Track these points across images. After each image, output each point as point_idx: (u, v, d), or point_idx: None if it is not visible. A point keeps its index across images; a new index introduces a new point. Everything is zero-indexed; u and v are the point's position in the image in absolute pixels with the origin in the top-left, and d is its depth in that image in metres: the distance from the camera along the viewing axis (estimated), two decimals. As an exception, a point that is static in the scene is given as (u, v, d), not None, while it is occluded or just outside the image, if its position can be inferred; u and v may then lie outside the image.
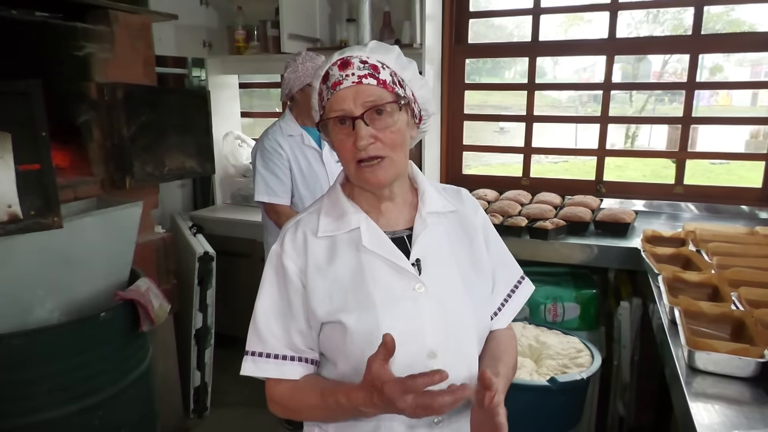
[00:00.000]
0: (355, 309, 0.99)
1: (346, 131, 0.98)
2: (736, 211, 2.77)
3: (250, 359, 1.06)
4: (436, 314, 1.01)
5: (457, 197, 1.14)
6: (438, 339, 1.00)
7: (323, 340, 1.04)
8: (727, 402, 1.18)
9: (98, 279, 2.01)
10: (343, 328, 0.99)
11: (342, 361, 1.02)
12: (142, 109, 2.25)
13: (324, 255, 1.03)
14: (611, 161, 3.02)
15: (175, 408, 2.67)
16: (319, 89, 1.02)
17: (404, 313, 0.99)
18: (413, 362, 0.97)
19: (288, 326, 1.04)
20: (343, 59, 0.98)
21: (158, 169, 2.33)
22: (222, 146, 3.37)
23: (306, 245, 1.04)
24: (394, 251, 1.02)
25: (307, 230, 1.06)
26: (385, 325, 0.97)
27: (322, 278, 1.02)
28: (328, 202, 1.09)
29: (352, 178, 1.03)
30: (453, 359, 1.01)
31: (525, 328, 2.04)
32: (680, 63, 9.97)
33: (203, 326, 2.74)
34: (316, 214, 1.08)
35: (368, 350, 0.92)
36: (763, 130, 8.67)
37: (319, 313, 1.01)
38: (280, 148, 2.35)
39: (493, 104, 6.69)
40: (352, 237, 1.03)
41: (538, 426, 1.74)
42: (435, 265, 1.04)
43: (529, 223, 2.49)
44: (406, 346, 0.96)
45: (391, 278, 1.01)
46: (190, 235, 2.86)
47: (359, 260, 1.02)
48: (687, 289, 1.69)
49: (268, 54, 3.15)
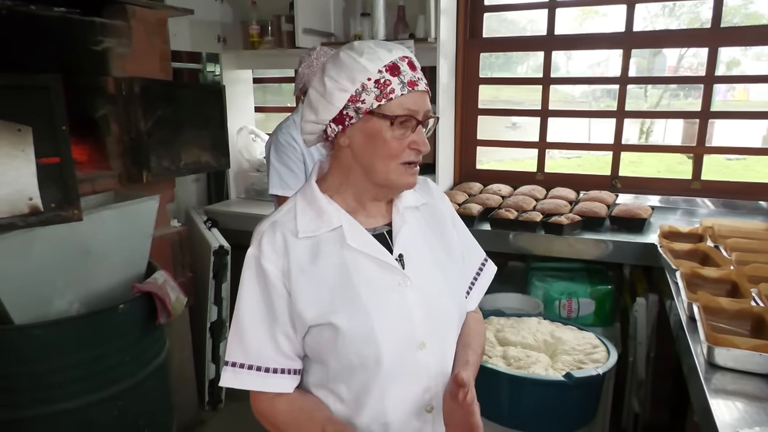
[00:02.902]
0: (345, 309, 0.99)
1: (401, 131, 0.98)
2: (754, 207, 2.73)
3: (230, 370, 1.02)
4: (422, 306, 1.03)
5: (425, 189, 1.17)
6: (426, 330, 1.03)
7: (310, 342, 1.01)
8: (748, 398, 1.17)
9: (116, 271, 2.03)
10: (335, 329, 0.98)
11: (333, 360, 1.00)
12: (159, 103, 2.27)
13: (306, 256, 1.00)
14: (625, 157, 2.99)
15: (190, 400, 2.70)
16: (381, 78, 0.96)
17: (393, 308, 1.01)
18: (404, 354, 1.01)
19: (273, 333, 1.00)
20: (410, 60, 0.99)
21: (174, 164, 2.35)
22: (236, 141, 3.38)
23: (286, 247, 1.00)
24: (378, 248, 1.03)
25: (286, 231, 1.01)
26: (377, 322, 0.99)
27: (307, 280, 0.99)
28: (303, 201, 1.05)
29: (389, 177, 1.00)
30: (440, 348, 1.06)
31: (540, 323, 2.03)
32: (696, 58, 9.85)
33: (218, 319, 2.76)
34: (291, 213, 1.03)
35: (362, 349, 0.98)
36: (781, 126, 8.53)
37: (308, 316, 0.99)
38: (294, 142, 2.36)
39: (505, 99, 6.65)
40: (334, 236, 1.02)
41: (554, 421, 1.74)
42: (416, 259, 1.06)
43: (543, 218, 2.47)
44: (397, 340, 1.01)
45: (377, 275, 1.02)
46: (205, 229, 2.88)
47: (344, 259, 1.01)
48: (705, 285, 1.67)
49: (282, 49, 3.15)
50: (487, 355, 1.82)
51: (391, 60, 0.97)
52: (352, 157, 1.02)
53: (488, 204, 2.70)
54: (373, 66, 0.96)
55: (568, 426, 1.77)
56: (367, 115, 0.97)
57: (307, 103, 1.03)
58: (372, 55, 0.97)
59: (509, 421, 1.77)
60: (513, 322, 2.05)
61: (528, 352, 1.85)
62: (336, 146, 1.04)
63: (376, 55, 0.97)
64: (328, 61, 1.01)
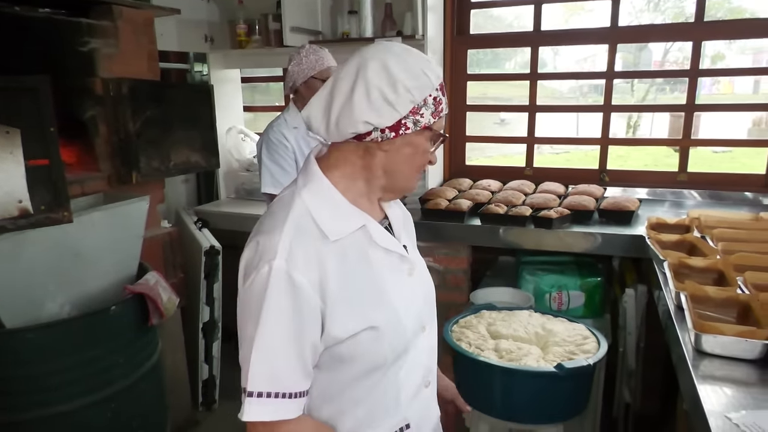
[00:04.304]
0: (378, 309, 0.99)
1: (433, 144, 1.02)
2: (740, 198, 2.77)
3: (255, 402, 0.91)
4: (423, 291, 1.11)
5: None
6: (426, 313, 1.11)
7: (342, 350, 0.97)
8: (735, 384, 1.19)
9: (107, 273, 2.03)
10: (376, 332, 0.97)
11: (364, 359, 0.98)
12: (147, 104, 2.26)
13: (338, 264, 0.95)
14: (613, 151, 3.03)
15: (183, 401, 2.70)
16: (437, 96, 0.97)
17: (408, 296, 1.06)
18: (413, 337, 1.06)
19: (302, 353, 0.93)
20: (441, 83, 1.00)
21: (164, 164, 2.35)
22: (225, 141, 3.38)
23: (319, 255, 0.93)
24: (396, 243, 1.06)
25: (314, 238, 0.94)
26: (402, 313, 1.02)
27: (343, 291, 0.94)
28: (315, 200, 0.98)
29: (406, 183, 1.03)
30: (432, 327, 1.15)
31: (531, 316, 2.05)
32: (681, 52, 9.96)
33: (210, 320, 2.76)
34: (307, 216, 0.96)
35: (395, 342, 1.00)
36: (765, 118, 8.65)
37: (350, 327, 0.95)
38: (285, 140, 2.36)
39: (493, 96, 6.67)
40: (357, 236, 1.00)
41: (546, 412, 1.76)
42: (411, 247, 1.14)
43: (533, 212, 2.49)
44: (413, 326, 1.06)
45: (393, 267, 1.05)
46: (195, 230, 2.87)
47: (368, 257, 1.00)
48: (692, 275, 1.70)
49: (270, 48, 3.15)
50: (479, 348, 1.84)
51: (441, 79, 0.99)
52: (382, 161, 0.99)
53: (478, 199, 2.72)
54: (435, 82, 0.97)
55: (560, 416, 1.79)
56: (424, 129, 0.98)
57: (364, 99, 0.93)
58: (434, 71, 0.97)
59: (502, 413, 1.79)
60: (504, 315, 2.07)
61: (520, 344, 1.86)
62: (368, 147, 0.99)
63: (436, 72, 0.98)
64: (396, 64, 0.94)
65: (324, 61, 2.30)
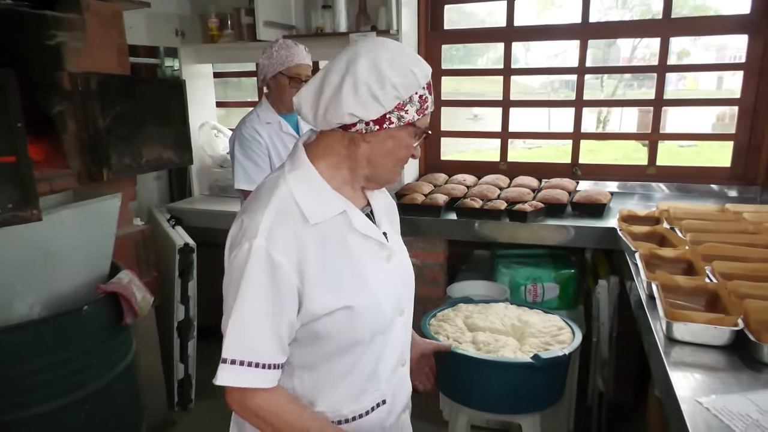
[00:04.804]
0: (356, 291, 1.05)
1: (416, 140, 1.06)
2: (705, 190, 2.86)
3: (228, 368, 0.98)
4: (403, 277, 1.18)
5: None
6: (405, 297, 1.18)
7: (319, 327, 1.03)
8: (705, 369, 1.23)
9: (79, 272, 1.98)
10: (350, 310, 1.03)
11: (339, 340, 1.05)
12: (117, 99, 2.21)
13: (317, 246, 1.00)
14: (584, 145, 3.08)
15: (159, 401, 2.66)
16: (423, 95, 1.02)
17: (387, 281, 1.11)
18: (392, 320, 1.12)
19: (278, 328, 0.99)
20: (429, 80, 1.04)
21: (136, 161, 2.30)
22: (198, 137, 3.32)
23: (298, 237, 0.99)
24: (375, 229, 1.11)
25: (295, 221, 1.00)
26: (381, 296, 1.08)
27: (321, 271, 1.00)
28: (299, 185, 1.03)
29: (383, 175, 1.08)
30: (409, 312, 1.21)
31: (507, 308, 2.07)
32: (648, 48, 10.14)
33: (185, 318, 2.72)
34: (290, 199, 1.01)
35: (372, 323, 1.06)
36: (728, 113, 8.91)
37: (327, 305, 1.01)
38: (258, 136, 2.34)
39: (466, 92, 6.72)
40: (337, 221, 1.05)
41: (524, 402, 1.79)
42: (391, 234, 1.18)
43: (508, 206, 2.52)
44: (392, 309, 1.12)
45: (373, 253, 1.10)
46: (168, 227, 2.83)
47: (347, 242, 1.05)
48: (663, 265, 1.74)
49: (243, 42, 3.11)
50: (457, 341, 1.85)
51: (429, 78, 1.03)
52: (366, 152, 1.04)
53: (454, 194, 2.74)
54: (423, 81, 1.01)
55: (537, 406, 1.82)
56: (408, 125, 1.02)
57: (351, 93, 0.97)
58: (423, 70, 1.01)
59: (481, 405, 1.81)
60: (481, 308, 2.09)
61: (497, 336, 1.88)
62: (353, 137, 1.03)
63: (424, 71, 1.01)
64: (386, 61, 0.98)
65: (295, 58, 2.27)
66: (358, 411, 1.11)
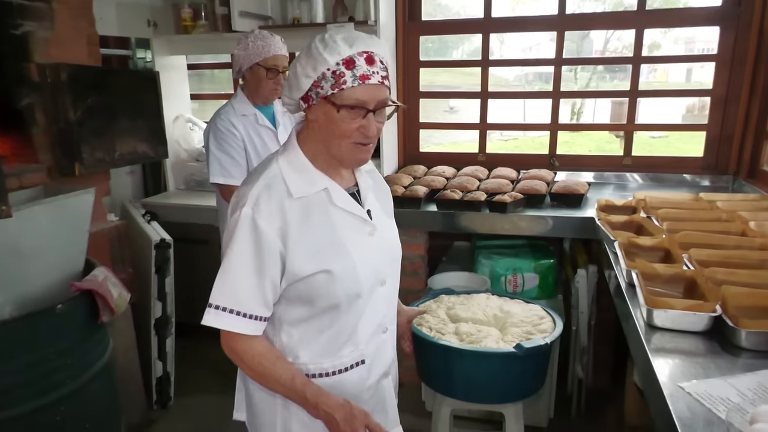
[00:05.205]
0: (335, 257, 1.18)
1: (353, 116, 1.12)
2: (678, 180, 2.92)
3: (213, 312, 1.14)
4: (384, 250, 1.29)
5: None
6: (386, 269, 1.29)
7: (302, 287, 1.17)
8: (685, 355, 1.26)
9: (51, 270, 1.92)
10: (329, 274, 1.16)
11: (322, 301, 1.19)
12: (89, 91, 2.14)
13: (299, 216, 1.15)
14: (559, 137, 3.11)
15: (137, 400, 2.61)
16: (337, 70, 1.10)
17: (367, 252, 1.23)
18: (372, 289, 1.25)
19: (262, 285, 1.14)
20: (369, 55, 1.11)
21: (109, 155, 2.24)
22: (172, 130, 3.26)
23: (282, 208, 1.14)
24: (356, 206, 1.24)
25: (280, 194, 1.15)
26: (358, 265, 1.20)
27: (303, 238, 1.15)
28: (288, 165, 1.19)
29: (341, 153, 1.16)
30: (393, 284, 1.34)
31: (489, 298, 2.08)
32: (620, 41, 10.33)
33: (163, 315, 2.67)
34: (279, 177, 1.17)
35: (348, 287, 1.19)
36: (698, 105, 9.12)
37: (306, 268, 1.15)
38: (233, 128, 2.30)
39: (441, 85, 6.74)
40: (320, 197, 1.19)
41: (507, 391, 1.80)
42: (377, 213, 1.30)
43: (488, 197, 2.54)
44: (370, 278, 1.24)
45: (354, 228, 1.22)
46: (144, 223, 2.76)
47: (330, 216, 1.19)
48: (641, 253, 1.77)
49: (217, 33, 3.05)
50: (440, 332, 1.85)
51: (349, 55, 1.10)
52: (315, 131, 1.18)
53: (433, 186, 2.74)
54: (332, 59, 1.10)
55: (520, 395, 1.84)
56: (323, 100, 1.12)
57: (289, 79, 1.18)
58: (333, 49, 1.10)
59: (465, 395, 1.82)
60: (463, 299, 2.09)
61: (479, 327, 1.89)
62: (309, 119, 1.19)
63: (337, 50, 1.10)
64: (304, 48, 1.15)
65: (271, 49, 2.23)
66: (337, 366, 1.25)
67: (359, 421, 1.15)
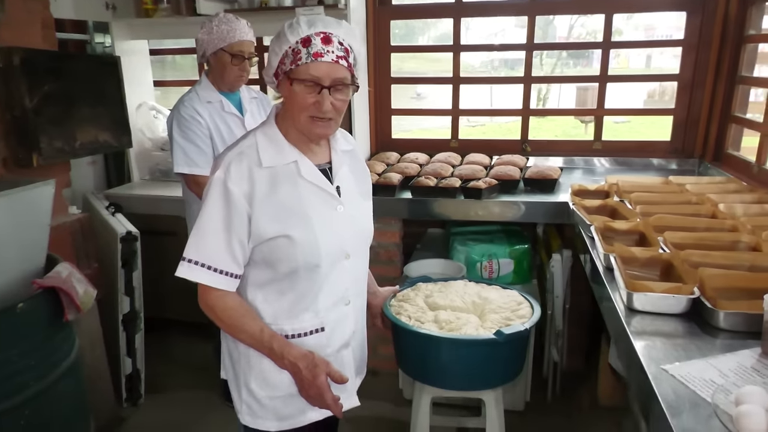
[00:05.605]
0: (297, 225, 1.27)
1: (309, 91, 1.21)
2: (645, 163, 2.97)
3: (186, 265, 1.24)
4: (350, 226, 1.35)
5: (350, 139, 1.47)
6: (351, 244, 1.36)
7: (266, 250, 1.27)
8: (665, 337, 1.27)
9: (10, 267, 1.82)
10: (289, 239, 1.25)
11: (284, 264, 1.27)
12: (45, 77, 2.03)
13: (267, 183, 1.25)
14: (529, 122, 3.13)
15: (107, 399, 2.52)
16: (295, 47, 1.20)
17: (330, 226, 1.31)
18: (335, 261, 1.33)
19: (230, 242, 1.24)
20: (326, 35, 1.20)
21: (69, 144, 2.13)
22: (136, 118, 3.13)
23: (251, 174, 1.24)
24: (324, 181, 1.31)
25: (251, 161, 1.25)
26: (320, 234, 1.28)
27: (268, 203, 1.25)
28: (264, 137, 1.29)
29: (300, 126, 1.26)
30: (359, 260, 1.41)
31: (466, 285, 2.07)
32: (584, 27, 10.47)
33: (131, 310, 2.58)
34: (254, 147, 1.27)
35: (308, 254, 1.27)
36: (658, 90, 9.35)
37: (269, 231, 1.24)
38: (198, 116, 2.21)
39: (408, 71, 6.70)
40: (290, 168, 1.28)
41: (488, 377, 1.80)
42: (348, 190, 1.37)
43: (462, 183, 2.53)
44: (332, 249, 1.31)
45: (321, 201, 1.31)
46: (108, 215, 2.66)
47: (297, 187, 1.28)
48: (616, 237, 1.79)
49: (180, 17, 2.93)
50: (419, 320, 1.84)
51: (307, 34, 1.19)
52: (286, 106, 1.28)
53: (407, 173, 2.71)
54: (293, 38, 1.20)
55: (500, 380, 1.84)
56: (284, 75, 1.23)
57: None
58: (295, 29, 1.20)
59: (445, 383, 1.81)
60: (440, 286, 2.08)
61: (458, 314, 1.88)
62: (282, 96, 1.28)
63: (298, 30, 1.20)
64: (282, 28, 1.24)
65: (236, 33, 2.15)
66: (297, 330, 1.34)
67: (321, 369, 1.27)
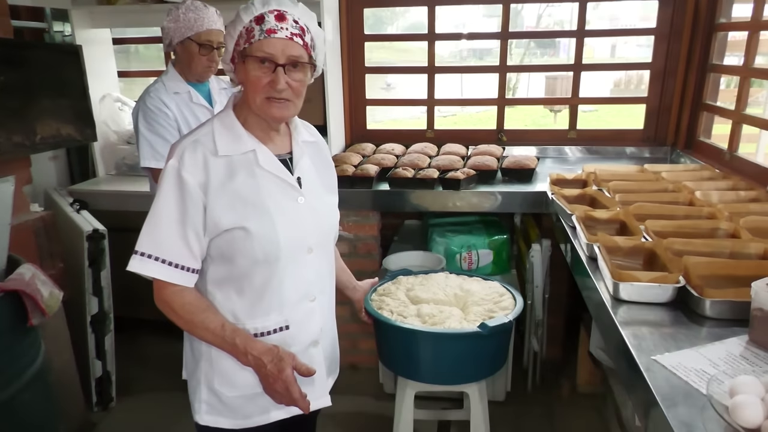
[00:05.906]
0: (255, 216, 1.21)
1: (264, 70, 1.17)
2: (618, 152, 3.00)
3: (138, 258, 1.18)
4: (312, 219, 1.30)
5: (313, 132, 1.44)
6: (314, 238, 1.32)
7: (223, 243, 1.22)
8: (653, 327, 1.26)
9: (-31, 270, 1.71)
10: (246, 231, 1.20)
11: (241, 258, 1.22)
12: (1, 66, 1.91)
13: (224, 172, 1.21)
14: (494, 113, 3.11)
15: (76, 404, 2.43)
16: (249, 26, 1.17)
17: (291, 218, 1.26)
18: (296, 255, 1.28)
19: (185, 234, 1.19)
20: (279, 12, 1.17)
21: (28, 138, 2.02)
22: (99, 111, 2.99)
23: (206, 163, 1.19)
24: (284, 170, 1.27)
25: (206, 149, 1.20)
26: (279, 227, 1.23)
27: (224, 193, 1.20)
28: (221, 125, 1.24)
29: (257, 108, 1.21)
30: (322, 253, 1.37)
31: (448, 277, 2.06)
32: (551, 17, 10.55)
33: (100, 311, 2.48)
34: (210, 135, 1.23)
35: (266, 247, 1.22)
36: (625, 78, 9.52)
37: (225, 222, 1.19)
38: (165, 108, 2.12)
39: (377, 62, 6.64)
40: (248, 158, 1.24)
41: (472, 371, 1.79)
42: (309, 182, 1.33)
43: (440, 174, 2.50)
44: (292, 242, 1.26)
45: (280, 192, 1.26)
46: (72, 212, 2.54)
47: (255, 177, 1.23)
48: (597, 226, 1.79)
49: (144, 4, 2.81)
50: (402, 315, 1.81)
51: (261, 12, 1.17)
52: (244, 91, 1.23)
53: (384, 164, 2.67)
54: (246, 17, 1.18)
55: (484, 373, 1.83)
56: (239, 55, 1.20)
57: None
58: (248, 9, 1.18)
59: (430, 377, 1.79)
60: (421, 279, 2.06)
61: (441, 307, 1.86)
62: (239, 82, 1.24)
63: (251, 9, 1.18)
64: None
65: (204, 22, 2.06)
66: (260, 329, 1.28)
67: (286, 363, 1.22)
